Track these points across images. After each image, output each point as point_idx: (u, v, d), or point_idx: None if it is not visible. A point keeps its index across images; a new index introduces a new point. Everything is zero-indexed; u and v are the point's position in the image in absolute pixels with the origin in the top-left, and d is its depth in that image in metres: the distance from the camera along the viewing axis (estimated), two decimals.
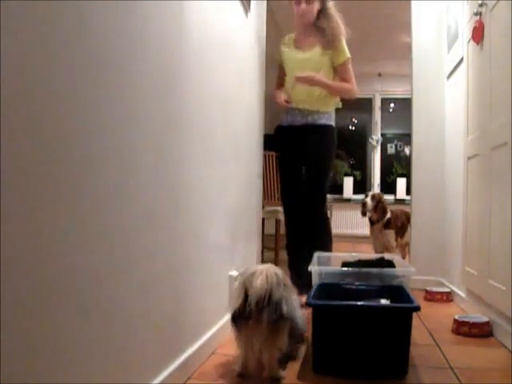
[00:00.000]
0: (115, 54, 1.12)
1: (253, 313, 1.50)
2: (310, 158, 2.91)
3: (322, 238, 2.90)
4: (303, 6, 2.81)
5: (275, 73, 3.21)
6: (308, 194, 2.88)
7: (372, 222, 4.07)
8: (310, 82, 2.81)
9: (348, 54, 2.86)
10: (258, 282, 1.52)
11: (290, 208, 3.02)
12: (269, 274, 1.55)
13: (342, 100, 3.05)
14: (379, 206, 4.00)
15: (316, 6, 2.83)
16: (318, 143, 2.88)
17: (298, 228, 2.96)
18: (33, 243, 0.84)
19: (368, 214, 4.04)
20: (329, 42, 2.81)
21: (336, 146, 2.99)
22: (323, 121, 2.89)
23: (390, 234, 4.00)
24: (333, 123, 2.95)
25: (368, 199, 4.03)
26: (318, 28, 2.86)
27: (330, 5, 2.87)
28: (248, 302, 1.50)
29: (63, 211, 0.92)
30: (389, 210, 4.07)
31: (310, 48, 2.89)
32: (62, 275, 0.92)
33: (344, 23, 2.87)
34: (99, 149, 1.05)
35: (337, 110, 3.03)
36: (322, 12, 2.85)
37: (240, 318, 1.53)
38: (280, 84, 3.10)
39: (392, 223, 4.01)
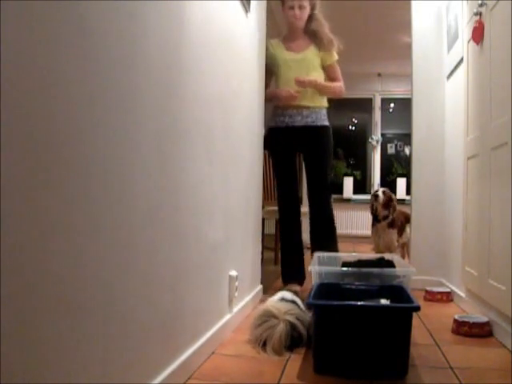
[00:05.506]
0: (115, 55, 1.12)
1: None
2: (313, 160, 3.10)
3: (332, 237, 3.09)
4: (297, 12, 3.03)
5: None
6: (317, 193, 3.07)
7: (377, 221, 4.01)
8: (312, 85, 3.02)
9: (336, 54, 3.12)
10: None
11: (289, 205, 3.16)
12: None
13: (341, 100, 3.21)
14: (390, 203, 3.97)
15: (307, 12, 3.07)
16: (320, 145, 3.08)
17: (296, 220, 3.14)
18: (30, 242, 0.84)
19: (379, 209, 3.95)
20: (323, 44, 3.05)
21: (333, 144, 3.20)
22: (321, 122, 3.08)
23: (394, 233, 3.99)
24: (328, 123, 3.14)
25: (380, 192, 3.98)
26: (309, 31, 3.09)
27: (318, 10, 3.11)
28: None
29: (62, 210, 0.93)
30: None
31: (302, 49, 3.09)
32: (60, 274, 0.92)
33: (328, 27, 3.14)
34: (100, 149, 1.05)
35: (338, 109, 3.09)
36: (312, 16, 3.09)
37: None
38: (266, 85, 3.16)
39: (395, 222, 4.00)
